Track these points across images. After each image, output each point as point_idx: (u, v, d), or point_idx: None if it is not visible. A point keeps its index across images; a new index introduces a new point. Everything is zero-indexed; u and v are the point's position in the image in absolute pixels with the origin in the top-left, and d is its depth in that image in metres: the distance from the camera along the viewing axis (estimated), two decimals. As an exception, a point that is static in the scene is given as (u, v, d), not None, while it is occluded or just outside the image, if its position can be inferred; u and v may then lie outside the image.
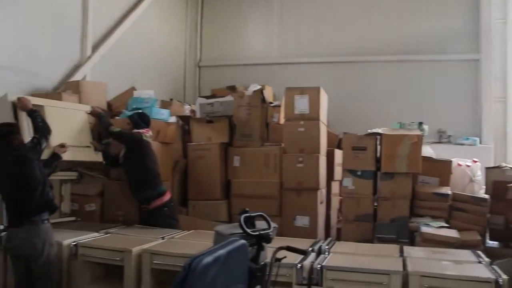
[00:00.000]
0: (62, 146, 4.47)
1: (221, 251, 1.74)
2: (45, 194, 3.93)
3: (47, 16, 6.06)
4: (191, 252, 3.72)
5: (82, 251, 4.07)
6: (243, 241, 1.98)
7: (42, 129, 4.17)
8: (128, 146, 5.02)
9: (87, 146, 5.03)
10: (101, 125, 5.10)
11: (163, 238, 4.34)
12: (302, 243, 3.91)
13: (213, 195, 5.78)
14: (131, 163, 5.02)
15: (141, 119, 5.13)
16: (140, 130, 5.06)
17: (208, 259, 1.64)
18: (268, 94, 6.90)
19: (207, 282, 1.62)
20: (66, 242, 4.11)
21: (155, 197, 4.93)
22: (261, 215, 2.87)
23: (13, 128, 4.06)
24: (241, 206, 5.45)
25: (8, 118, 4.30)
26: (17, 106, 4.38)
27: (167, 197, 5.02)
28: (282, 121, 6.49)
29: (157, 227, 4.85)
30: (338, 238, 5.35)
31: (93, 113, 5.14)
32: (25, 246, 3.79)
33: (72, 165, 5.13)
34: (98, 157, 5.13)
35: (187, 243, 4.23)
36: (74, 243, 4.10)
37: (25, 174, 3.84)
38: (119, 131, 5.00)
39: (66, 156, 4.52)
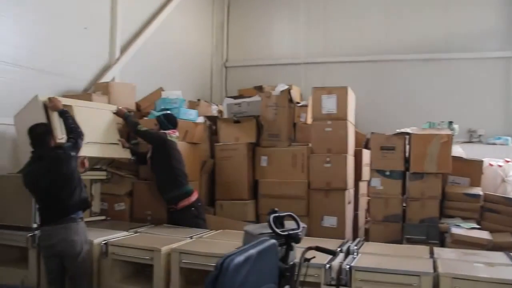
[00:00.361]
0: (82, 164, 4.50)
1: (252, 251, 1.74)
2: (83, 193, 4.05)
3: (78, 21, 6.18)
4: (219, 252, 3.75)
5: (112, 249, 4.11)
6: (273, 240, 1.97)
7: (75, 131, 4.23)
8: (154, 145, 5.07)
9: (115, 143, 5.06)
10: (128, 124, 5.15)
11: (191, 237, 4.37)
12: (330, 244, 3.87)
13: (241, 195, 5.80)
14: (157, 163, 5.06)
15: (168, 120, 5.16)
16: (167, 131, 5.09)
17: (240, 258, 1.64)
18: (295, 94, 6.87)
19: (238, 281, 1.63)
20: (97, 240, 4.17)
21: (182, 197, 4.96)
22: (290, 215, 2.86)
23: (48, 128, 4.15)
24: (269, 206, 5.46)
25: (40, 118, 4.37)
26: (48, 106, 4.45)
27: (194, 197, 5.05)
28: (309, 121, 6.49)
29: (184, 226, 4.89)
30: (366, 238, 5.29)
31: (118, 113, 5.18)
32: (64, 244, 3.87)
33: (101, 164, 5.20)
34: (125, 154, 5.18)
35: (215, 242, 4.24)
36: (105, 242, 4.15)
37: (66, 172, 3.93)
38: (145, 130, 5.03)
39: (95, 153, 4.61)
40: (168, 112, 5.35)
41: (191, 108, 6.16)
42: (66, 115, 4.36)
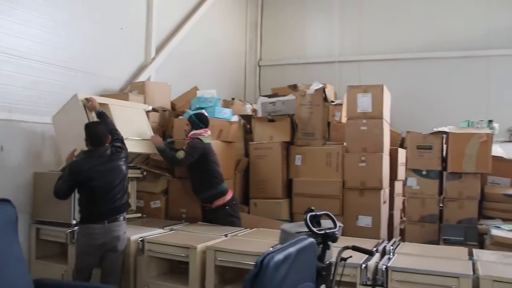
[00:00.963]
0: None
1: (291, 249, 1.74)
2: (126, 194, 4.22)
3: (115, 22, 6.30)
4: (254, 250, 3.78)
5: (148, 246, 4.17)
6: (311, 239, 1.97)
7: (115, 133, 4.35)
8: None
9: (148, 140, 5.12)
10: (164, 157, 5.04)
11: (226, 235, 4.39)
12: (365, 243, 3.82)
13: (275, 193, 5.80)
14: (193, 166, 5.06)
15: (200, 120, 5.14)
16: (199, 131, 5.09)
17: (279, 256, 1.65)
18: (330, 93, 6.83)
19: (278, 279, 1.63)
20: (134, 237, 4.23)
21: (217, 197, 5.00)
22: (326, 214, 2.86)
23: (107, 128, 4.23)
24: (303, 205, 5.52)
25: (80, 117, 4.49)
26: (87, 106, 4.55)
27: (229, 196, 5.07)
28: (343, 119, 6.42)
29: (219, 224, 4.92)
30: (402, 239, 5.22)
31: (154, 142, 5.09)
32: (117, 241, 4.02)
33: (136, 163, 5.28)
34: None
35: (250, 241, 4.25)
36: (141, 239, 4.21)
37: (125, 171, 4.13)
38: (184, 156, 4.90)
39: (130, 148, 4.68)
40: (200, 111, 5.35)
41: (225, 107, 6.20)
42: (104, 117, 4.45)
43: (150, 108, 5.56)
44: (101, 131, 4.13)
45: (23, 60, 4.96)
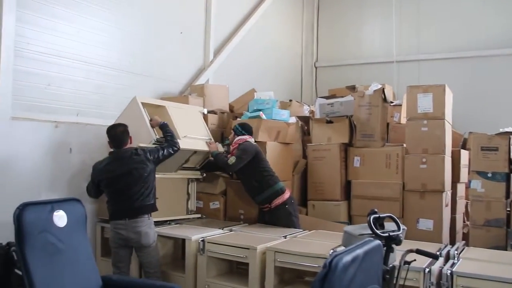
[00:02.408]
0: None
1: (359, 251, 1.73)
2: (151, 199, 4.32)
3: (174, 27, 6.47)
4: (314, 252, 3.78)
5: (208, 247, 4.23)
6: (378, 241, 1.96)
7: (169, 142, 4.52)
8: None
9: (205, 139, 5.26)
10: (217, 161, 5.14)
11: (285, 237, 4.40)
12: (427, 247, 3.70)
13: (333, 195, 5.76)
14: (245, 170, 5.07)
15: (242, 128, 5.19)
16: (244, 136, 5.12)
17: (348, 258, 1.65)
18: (388, 93, 6.73)
19: (346, 280, 1.63)
20: (194, 237, 4.32)
21: (276, 195, 4.98)
22: (390, 216, 2.83)
23: (126, 128, 4.36)
24: (362, 207, 5.49)
25: (139, 117, 4.69)
26: (151, 124, 4.72)
27: (287, 194, 5.06)
28: (403, 120, 6.33)
29: (278, 225, 4.93)
30: (466, 243, 5.06)
31: (210, 147, 5.21)
32: (139, 235, 4.18)
33: (196, 164, 5.39)
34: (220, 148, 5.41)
35: (309, 242, 4.25)
36: (202, 239, 4.28)
37: (144, 173, 4.22)
38: (235, 161, 4.95)
39: (187, 145, 4.85)
40: (245, 122, 5.40)
41: (283, 108, 6.21)
42: (166, 128, 4.64)
43: (205, 110, 5.65)
44: (119, 132, 4.29)
45: (90, 66, 5.20)
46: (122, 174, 4.18)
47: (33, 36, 4.62)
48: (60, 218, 3.15)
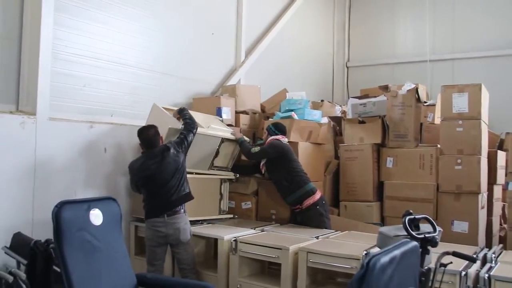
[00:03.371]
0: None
1: (396, 252, 1.71)
2: (185, 188, 4.41)
3: (206, 28, 6.53)
4: (346, 253, 3.75)
5: (241, 246, 4.24)
6: (415, 243, 1.93)
7: (189, 125, 4.60)
8: (271, 158, 5.13)
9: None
10: (242, 149, 5.24)
11: (317, 237, 4.39)
12: (463, 250, 3.62)
13: (365, 196, 5.70)
14: (274, 169, 5.12)
15: (276, 129, 5.21)
16: (276, 136, 5.14)
17: (385, 258, 1.63)
18: (422, 93, 6.62)
19: (383, 281, 1.62)
20: (227, 237, 4.34)
21: (307, 196, 4.98)
22: (425, 218, 2.78)
23: (157, 129, 4.45)
24: (395, 208, 5.42)
25: (163, 115, 4.83)
26: (174, 115, 4.86)
27: (318, 195, 5.04)
28: (436, 120, 6.22)
29: (310, 225, 4.92)
30: (504, 247, 4.94)
31: (235, 136, 5.31)
32: (178, 231, 4.25)
33: (228, 163, 5.44)
34: None
35: (342, 243, 4.22)
36: (234, 239, 4.30)
37: (177, 163, 4.31)
38: (259, 150, 5.09)
39: (214, 131, 5.05)
40: (278, 122, 5.41)
41: (314, 108, 6.19)
42: (183, 112, 4.75)
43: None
44: (151, 135, 4.38)
45: (125, 67, 5.31)
46: (157, 171, 4.26)
47: (70, 39, 4.73)
48: (96, 216, 3.21)
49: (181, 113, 4.75)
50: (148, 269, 4.33)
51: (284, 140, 5.19)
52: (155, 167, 4.26)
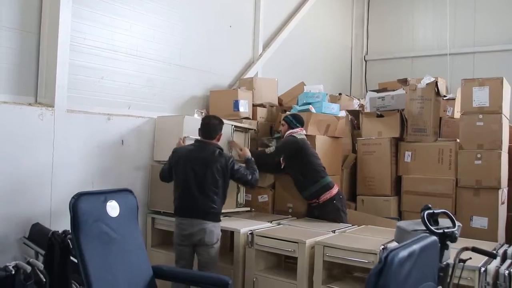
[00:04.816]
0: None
1: (415, 246, 1.69)
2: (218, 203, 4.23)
3: (224, 22, 6.50)
4: (363, 247, 3.72)
5: (257, 240, 4.23)
6: (434, 237, 1.90)
7: (252, 169, 4.46)
8: (287, 155, 5.10)
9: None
10: (256, 159, 4.87)
11: (333, 231, 4.36)
12: (482, 246, 3.56)
13: (383, 190, 5.67)
14: (292, 164, 5.08)
15: (296, 120, 5.16)
16: (295, 129, 5.09)
17: (404, 253, 1.60)
18: (441, 87, 6.54)
19: (402, 275, 1.59)
20: (243, 230, 4.33)
21: (324, 190, 4.94)
22: (444, 212, 2.74)
23: (221, 123, 4.35)
24: (413, 203, 5.37)
25: (177, 131, 4.80)
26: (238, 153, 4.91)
27: (335, 189, 5.00)
28: (456, 115, 6.15)
29: (326, 219, 4.88)
30: (523, 243, 4.88)
31: (240, 156, 5.02)
32: (203, 232, 4.11)
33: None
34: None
35: (359, 238, 4.18)
36: (250, 232, 4.29)
37: (215, 178, 4.15)
38: (274, 150, 5.04)
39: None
40: (296, 113, 5.38)
41: (332, 102, 6.14)
42: (250, 162, 4.59)
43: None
44: (212, 124, 4.28)
45: (142, 60, 5.30)
46: (199, 163, 4.11)
47: (88, 31, 4.74)
48: (113, 208, 3.23)
49: (248, 163, 4.58)
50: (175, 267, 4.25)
51: (303, 132, 5.15)
52: (200, 158, 4.13)
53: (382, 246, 3.64)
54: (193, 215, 4.10)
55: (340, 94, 7.19)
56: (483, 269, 3.20)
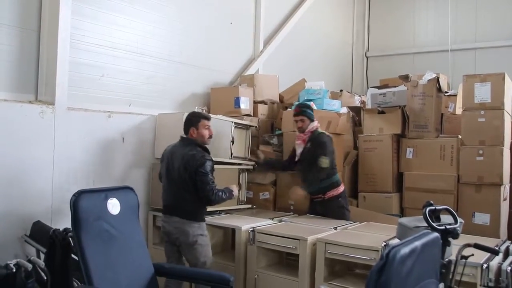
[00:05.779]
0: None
1: (417, 243, 1.67)
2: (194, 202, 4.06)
3: (225, 18, 6.50)
4: (365, 244, 3.71)
5: (258, 237, 4.22)
6: (436, 234, 1.89)
7: (222, 190, 4.09)
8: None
9: None
10: (310, 174, 4.85)
11: (335, 228, 4.34)
12: (484, 242, 3.54)
13: (384, 187, 5.65)
14: (312, 160, 4.86)
15: (311, 111, 5.03)
16: (315, 123, 4.97)
17: (405, 250, 1.59)
18: (443, 83, 6.51)
19: (403, 272, 1.58)
20: (244, 227, 4.32)
21: (332, 187, 4.88)
22: (446, 209, 2.73)
23: (195, 118, 4.11)
24: (414, 199, 5.35)
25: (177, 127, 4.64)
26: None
27: (342, 188, 4.97)
28: (457, 111, 6.12)
29: (330, 216, 4.84)
30: (524, 239, 4.86)
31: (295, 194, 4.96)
32: (179, 232, 4.01)
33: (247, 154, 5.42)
34: None
35: (360, 234, 4.17)
36: (252, 229, 4.27)
37: (183, 179, 3.97)
38: (329, 160, 4.76)
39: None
40: (304, 103, 5.28)
41: (333, 98, 6.13)
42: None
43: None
44: (186, 119, 4.13)
45: (142, 57, 5.30)
46: (176, 160, 4.01)
47: (88, 28, 4.73)
48: (113, 206, 3.23)
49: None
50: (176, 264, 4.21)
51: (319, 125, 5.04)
52: (178, 155, 4.01)
53: (384, 243, 3.63)
54: (171, 212, 4.06)
55: (341, 90, 7.17)
56: (485, 265, 3.19)
